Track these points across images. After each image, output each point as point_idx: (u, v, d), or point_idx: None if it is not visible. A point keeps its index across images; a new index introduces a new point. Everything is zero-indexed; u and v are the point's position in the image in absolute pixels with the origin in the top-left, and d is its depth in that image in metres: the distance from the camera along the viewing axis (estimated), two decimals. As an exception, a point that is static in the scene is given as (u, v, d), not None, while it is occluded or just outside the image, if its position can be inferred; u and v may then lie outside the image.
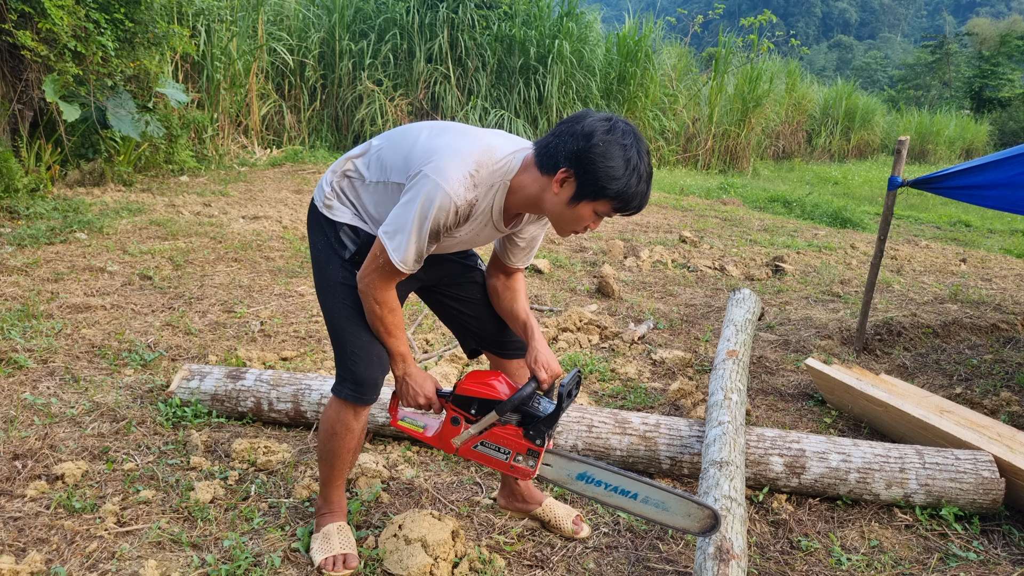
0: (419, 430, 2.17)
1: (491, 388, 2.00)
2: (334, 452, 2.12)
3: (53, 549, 2.12)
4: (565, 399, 1.93)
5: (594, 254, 6.45)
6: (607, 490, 2.06)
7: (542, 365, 2.02)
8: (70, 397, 3.07)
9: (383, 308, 1.95)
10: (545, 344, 2.07)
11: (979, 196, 3.80)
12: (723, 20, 22.26)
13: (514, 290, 2.18)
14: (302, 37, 11.91)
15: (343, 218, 2.01)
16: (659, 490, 2.01)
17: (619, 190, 1.75)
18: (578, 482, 2.08)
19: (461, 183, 1.79)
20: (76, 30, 6.38)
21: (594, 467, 2.05)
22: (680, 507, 2.00)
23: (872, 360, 4.15)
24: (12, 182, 6.09)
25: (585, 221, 1.83)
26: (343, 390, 2.05)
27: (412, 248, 1.82)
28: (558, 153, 1.77)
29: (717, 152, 15.38)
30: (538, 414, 1.97)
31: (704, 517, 1.98)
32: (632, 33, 13.57)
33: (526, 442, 1.99)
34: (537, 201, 1.86)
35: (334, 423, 2.09)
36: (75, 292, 4.37)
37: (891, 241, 7.95)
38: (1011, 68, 32.49)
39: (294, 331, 4.03)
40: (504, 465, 2.03)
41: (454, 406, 2.06)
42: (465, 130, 1.93)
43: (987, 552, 2.38)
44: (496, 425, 2.00)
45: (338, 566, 2.08)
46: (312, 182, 9.01)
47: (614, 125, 1.76)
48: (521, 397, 1.95)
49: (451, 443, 2.07)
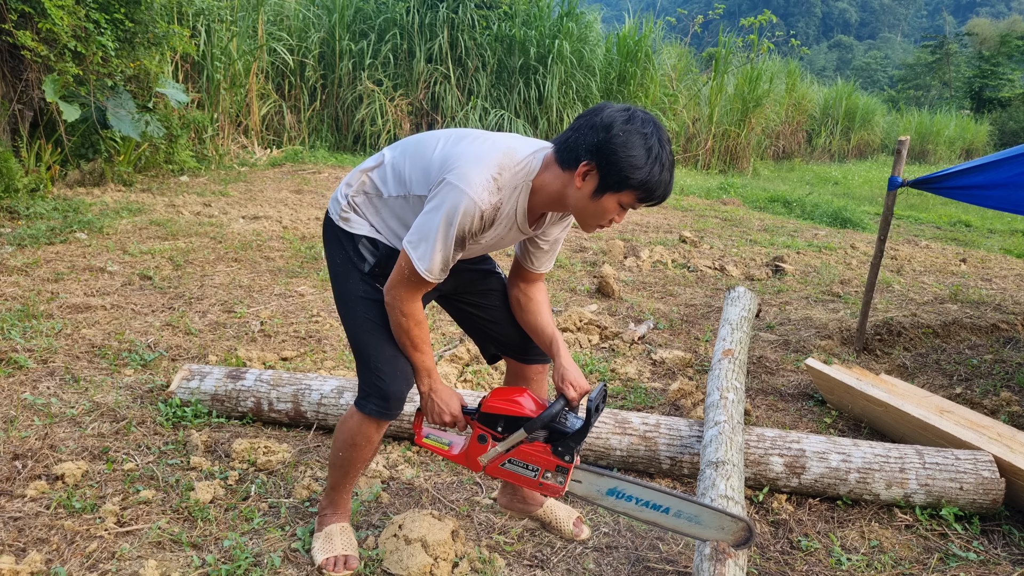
0: (444, 448, 2.13)
1: (518, 405, 1.97)
2: (350, 461, 2.11)
3: (53, 549, 2.12)
4: (593, 414, 1.90)
5: (594, 254, 6.45)
6: (638, 505, 2.02)
7: (570, 383, 2.00)
8: (70, 397, 3.07)
9: (410, 321, 1.93)
10: (572, 360, 2.05)
11: (979, 196, 3.80)
12: (723, 20, 22.25)
13: (537, 302, 2.15)
14: (302, 37, 11.91)
15: (361, 230, 1.99)
16: (692, 503, 1.97)
17: (642, 179, 1.73)
18: (608, 497, 2.05)
19: (485, 187, 1.77)
20: (76, 30, 6.37)
21: (624, 482, 2.02)
22: (713, 520, 1.97)
23: (872, 360, 4.16)
24: (12, 182, 6.09)
25: (610, 214, 1.81)
26: (368, 405, 2.02)
27: (438, 256, 1.80)
28: (578, 147, 1.76)
29: (717, 152, 15.38)
30: (566, 430, 1.94)
31: (738, 529, 1.95)
32: (632, 33, 13.56)
33: (555, 459, 1.95)
34: (560, 198, 1.84)
35: (355, 435, 2.06)
36: (75, 292, 4.37)
37: (891, 241, 7.94)
38: (1011, 68, 32.47)
39: (294, 331, 4.04)
40: (533, 483, 1.99)
41: (480, 424, 2.02)
42: (483, 135, 1.91)
43: (987, 552, 2.38)
44: (524, 442, 1.97)
45: (339, 566, 2.08)
46: (312, 182, 9.01)
47: (633, 115, 1.74)
48: (551, 415, 1.92)
49: (478, 461, 2.03)
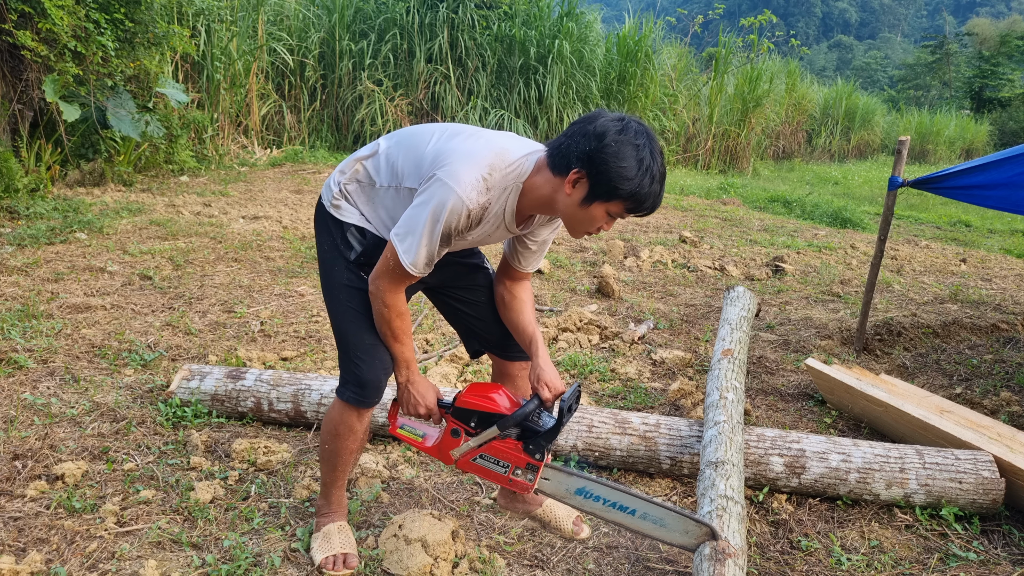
0: (418, 439, 2.15)
1: (492, 402, 1.99)
2: (336, 453, 2.12)
3: (53, 549, 2.12)
4: (566, 414, 1.93)
5: (594, 254, 6.45)
6: (605, 505, 2.06)
7: (545, 384, 2.01)
8: (70, 397, 3.07)
9: (391, 311, 1.94)
10: (549, 361, 2.06)
11: (979, 196, 3.80)
12: (723, 20, 22.24)
13: (521, 300, 2.16)
14: (302, 37, 11.91)
15: (350, 219, 2.00)
16: (657, 506, 2.01)
17: (632, 191, 1.73)
18: (576, 496, 2.07)
19: (474, 187, 1.78)
20: (76, 30, 6.37)
21: (593, 482, 2.04)
22: (678, 524, 2.01)
23: (872, 360, 4.15)
24: (12, 182, 6.09)
25: (598, 222, 1.82)
26: (346, 392, 2.05)
27: (423, 251, 1.81)
28: (570, 154, 1.76)
29: (717, 152, 15.37)
30: (538, 428, 1.96)
31: (702, 534, 1.99)
32: (632, 33, 13.56)
33: (525, 456, 1.98)
34: (550, 202, 1.85)
35: (337, 424, 2.09)
36: (75, 292, 4.37)
37: (891, 241, 7.94)
38: (1011, 68, 32.45)
39: (294, 331, 4.03)
40: (503, 478, 2.02)
41: (454, 418, 2.04)
42: (477, 133, 1.91)
43: (987, 552, 2.38)
44: (496, 439, 1.99)
45: (338, 565, 2.08)
46: (312, 182, 9.01)
47: (627, 125, 1.74)
48: (524, 414, 1.94)
49: (450, 455, 2.06)
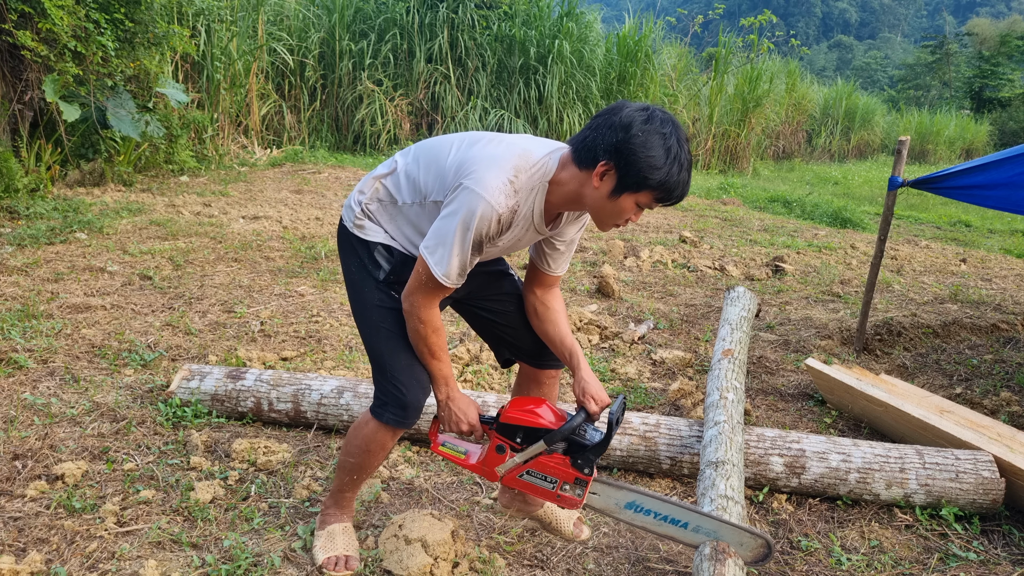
0: (461, 456, 2.11)
1: (538, 417, 1.96)
2: (362, 467, 2.11)
3: (53, 549, 2.12)
4: (614, 427, 1.89)
5: (594, 254, 6.45)
6: (657, 519, 2.01)
7: (591, 396, 1.99)
8: (70, 397, 3.07)
9: (427, 328, 1.91)
10: (592, 373, 2.03)
11: (979, 196, 3.80)
12: (723, 20, 22.24)
13: (555, 311, 2.12)
14: (302, 37, 11.91)
15: (376, 237, 1.98)
16: (711, 519, 1.96)
17: (661, 180, 1.72)
18: (626, 511, 2.03)
19: (501, 191, 1.76)
20: (76, 30, 6.37)
21: (643, 495, 2.00)
22: (732, 536, 1.96)
23: (872, 360, 4.15)
24: (12, 182, 6.09)
25: (627, 213, 1.80)
26: (385, 414, 2.01)
27: (455, 261, 1.79)
28: (596, 146, 1.75)
29: (717, 152, 15.38)
30: (585, 442, 1.92)
31: (757, 546, 1.95)
32: (632, 33, 13.56)
33: (574, 471, 1.93)
34: (577, 198, 1.84)
35: (370, 442, 2.06)
36: (75, 292, 4.37)
37: (891, 241, 7.94)
38: (1011, 68, 32.45)
39: (294, 331, 4.03)
40: (551, 495, 1.97)
41: (499, 434, 2.00)
42: (497, 138, 1.90)
43: (987, 552, 2.38)
44: (543, 454, 1.96)
45: (340, 566, 2.08)
46: (312, 182, 9.01)
47: (652, 114, 1.73)
48: (571, 427, 1.90)
49: (495, 471, 2.02)
